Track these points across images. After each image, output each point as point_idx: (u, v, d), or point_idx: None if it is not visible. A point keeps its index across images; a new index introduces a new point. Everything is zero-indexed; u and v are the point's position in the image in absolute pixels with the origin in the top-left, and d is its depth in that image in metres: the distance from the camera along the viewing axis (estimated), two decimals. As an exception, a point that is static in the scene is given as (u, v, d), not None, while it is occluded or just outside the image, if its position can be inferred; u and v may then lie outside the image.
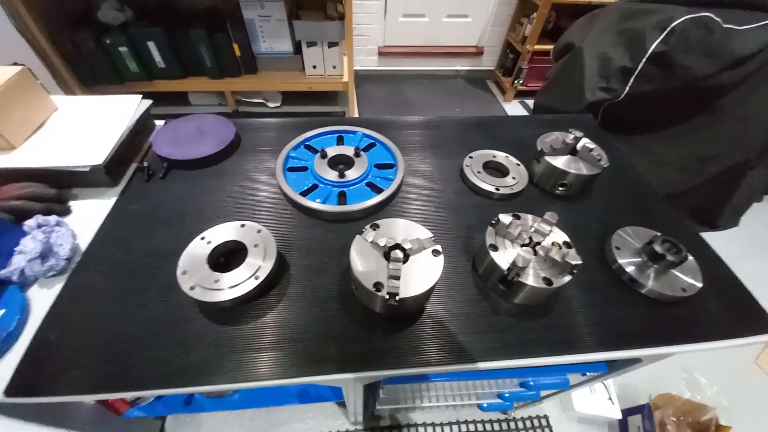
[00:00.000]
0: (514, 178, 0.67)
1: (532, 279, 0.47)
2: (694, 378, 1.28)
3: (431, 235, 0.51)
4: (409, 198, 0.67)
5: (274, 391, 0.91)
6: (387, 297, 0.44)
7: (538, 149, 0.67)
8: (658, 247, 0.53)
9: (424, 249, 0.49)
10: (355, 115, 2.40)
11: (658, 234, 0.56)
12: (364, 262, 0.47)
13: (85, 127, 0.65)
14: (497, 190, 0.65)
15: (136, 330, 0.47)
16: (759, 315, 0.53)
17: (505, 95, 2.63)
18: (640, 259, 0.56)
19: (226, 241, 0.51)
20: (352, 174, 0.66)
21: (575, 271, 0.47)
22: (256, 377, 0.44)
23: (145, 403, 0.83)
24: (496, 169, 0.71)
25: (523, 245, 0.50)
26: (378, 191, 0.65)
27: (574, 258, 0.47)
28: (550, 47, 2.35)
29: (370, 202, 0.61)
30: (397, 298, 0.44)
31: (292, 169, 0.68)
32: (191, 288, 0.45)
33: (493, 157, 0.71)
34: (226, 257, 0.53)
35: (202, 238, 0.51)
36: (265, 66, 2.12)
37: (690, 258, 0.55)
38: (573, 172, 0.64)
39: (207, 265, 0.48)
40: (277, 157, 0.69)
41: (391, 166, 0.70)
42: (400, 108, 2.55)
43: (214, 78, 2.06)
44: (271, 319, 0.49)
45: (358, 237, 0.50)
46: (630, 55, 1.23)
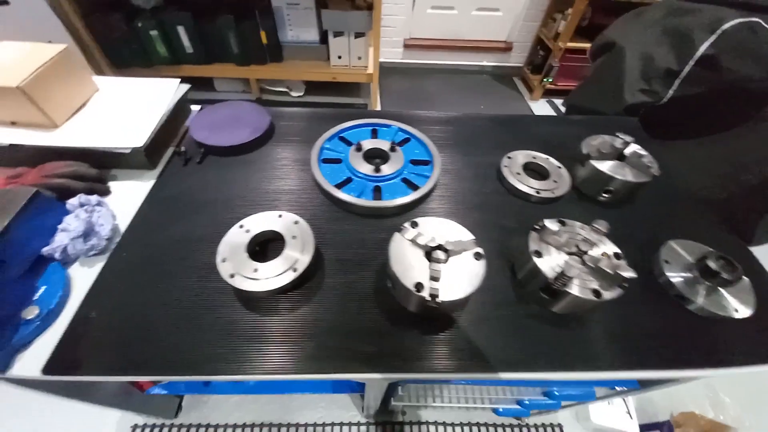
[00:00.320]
0: (555, 182, 0.64)
1: (579, 290, 0.45)
2: (719, 397, 1.24)
3: (473, 237, 0.49)
4: (444, 196, 0.65)
5: (291, 380, 0.92)
6: (428, 298, 0.43)
7: (584, 152, 0.64)
8: (712, 264, 0.50)
9: (466, 251, 0.47)
10: (378, 108, 2.38)
11: (712, 250, 0.53)
12: (404, 261, 0.46)
13: (125, 109, 0.65)
14: (537, 193, 0.63)
15: (173, 313, 0.47)
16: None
17: (532, 93, 2.56)
18: (690, 274, 0.53)
19: (264, 231, 0.50)
20: (387, 169, 0.64)
21: (626, 284, 0.45)
22: (288, 370, 0.43)
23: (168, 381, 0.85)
24: (536, 171, 0.68)
25: (569, 253, 0.48)
26: (414, 188, 0.63)
27: (626, 270, 0.45)
28: (583, 45, 2.28)
29: (405, 199, 0.60)
30: (437, 300, 0.42)
31: (327, 160, 0.67)
32: (231, 276, 0.45)
33: (533, 158, 0.69)
34: (261, 246, 0.53)
35: (241, 227, 0.51)
36: (291, 55, 2.11)
37: (745, 278, 0.52)
38: (620, 178, 0.61)
39: (246, 254, 0.47)
40: (310, 147, 0.68)
41: (426, 163, 0.68)
42: (423, 102, 2.51)
43: (240, 65, 2.06)
44: (305, 312, 0.48)
45: (397, 235, 0.49)
46: (676, 56, 1.17)
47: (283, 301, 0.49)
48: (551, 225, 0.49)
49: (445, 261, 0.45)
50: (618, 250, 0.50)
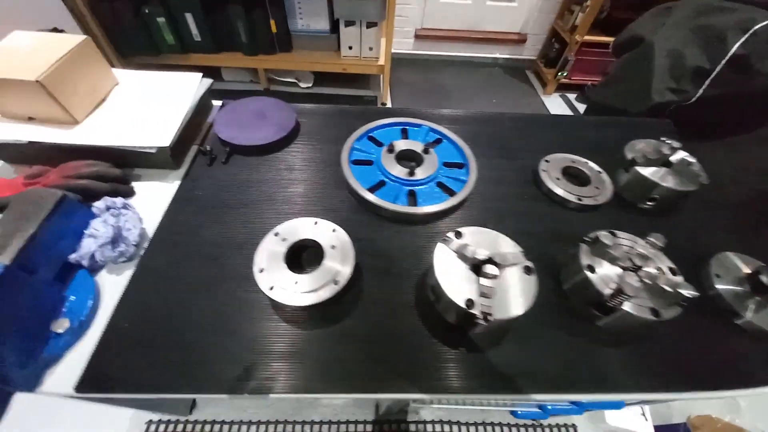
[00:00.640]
0: (597, 188, 0.62)
1: (634, 308, 0.43)
2: (735, 401, 1.23)
3: (520, 249, 0.47)
4: (479, 201, 0.62)
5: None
6: (479, 316, 0.40)
7: (628, 157, 0.61)
8: (766, 279, 0.48)
9: (515, 265, 0.45)
10: (388, 101, 2.33)
11: (764, 264, 0.51)
12: (450, 274, 0.44)
13: (147, 104, 0.62)
14: (579, 200, 0.60)
15: (207, 324, 0.45)
16: None
17: (545, 88, 2.50)
18: (741, 288, 0.51)
19: (302, 240, 0.48)
20: (421, 172, 0.61)
21: (684, 303, 0.43)
22: (328, 389, 0.42)
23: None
24: (575, 176, 0.65)
25: (624, 268, 0.46)
26: (449, 192, 0.61)
27: (686, 288, 0.42)
28: (601, 39, 2.22)
29: (443, 205, 0.57)
30: (490, 319, 0.40)
31: (357, 162, 0.64)
32: (270, 288, 0.43)
33: (572, 162, 0.66)
34: (295, 254, 0.51)
35: (276, 234, 0.48)
36: (300, 44, 2.05)
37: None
38: (667, 186, 0.58)
39: (284, 265, 0.45)
40: (337, 147, 0.65)
41: (460, 166, 0.66)
42: (434, 95, 2.46)
43: (248, 54, 2.01)
44: (344, 326, 0.46)
45: (442, 245, 0.46)
46: (707, 55, 1.13)
47: (320, 313, 0.47)
48: (606, 238, 0.46)
49: (496, 276, 0.43)
50: (673, 265, 0.47)
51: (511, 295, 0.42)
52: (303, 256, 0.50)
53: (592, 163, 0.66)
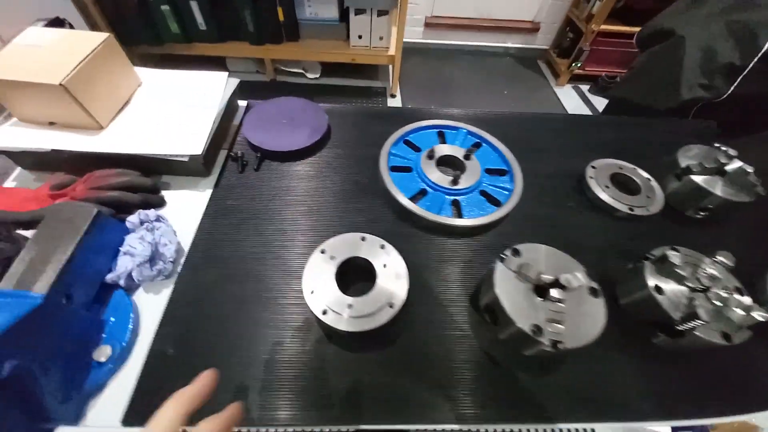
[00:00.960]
0: (648, 197, 0.59)
1: (706, 332, 0.41)
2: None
3: (583, 267, 0.44)
4: (524, 211, 0.59)
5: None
6: (546, 344, 0.38)
7: (682, 165, 0.58)
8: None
9: (580, 286, 0.42)
10: (397, 92, 2.27)
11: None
12: (513, 297, 0.41)
13: (174, 107, 0.58)
14: (631, 210, 0.57)
15: (251, 349, 0.43)
16: None
17: (558, 79, 2.45)
18: (803, 305, 0.49)
19: (351, 258, 0.45)
20: (465, 180, 0.58)
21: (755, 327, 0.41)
22: (383, 419, 0.39)
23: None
24: (624, 184, 0.62)
25: (693, 289, 0.44)
26: (494, 202, 0.58)
27: (758, 311, 0.40)
28: (618, 28, 2.15)
29: (489, 217, 0.54)
30: (560, 347, 0.38)
31: (396, 168, 0.61)
32: (323, 312, 0.40)
33: (620, 168, 0.63)
34: (343, 272, 0.48)
35: (323, 252, 0.45)
36: (308, 33, 1.99)
37: None
38: (723, 196, 0.56)
39: (336, 286, 0.42)
40: (371, 152, 0.62)
41: (503, 173, 0.62)
42: (444, 86, 2.40)
43: (255, 44, 1.94)
44: (397, 350, 0.44)
45: (501, 265, 0.44)
46: (740, 51, 1.09)
47: (372, 337, 0.44)
48: (674, 258, 0.44)
49: (565, 300, 0.40)
50: (740, 284, 0.45)
51: (580, 320, 0.40)
52: (349, 274, 0.48)
53: (640, 170, 0.63)
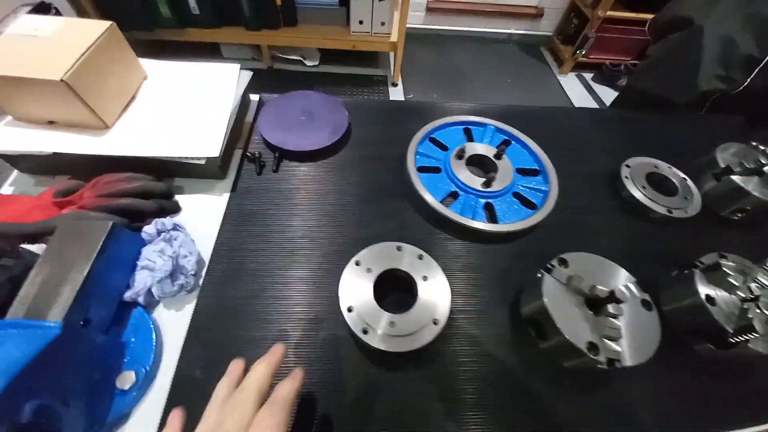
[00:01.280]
0: (686, 198, 0.57)
1: (759, 344, 0.39)
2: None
3: (634, 278, 0.42)
4: (560, 214, 0.55)
5: None
6: (602, 362, 0.36)
7: (722, 165, 0.56)
8: None
9: (632, 298, 0.40)
10: (399, 81, 2.20)
11: None
12: (564, 312, 0.39)
13: (183, 104, 0.54)
14: (669, 212, 0.55)
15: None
16: None
17: (561, 66, 2.40)
18: None
19: (389, 270, 0.42)
20: (498, 181, 0.55)
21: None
22: None
23: None
24: (660, 184, 0.60)
25: (743, 299, 0.42)
26: (529, 205, 0.55)
27: (815, 323, 0.39)
28: (625, 14, 2.10)
29: (526, 222, 0.52)
30: (617, 365, 0.36)
31: (423, 169, 0.57)
32: (364, 332, 0.38)
33: (655, 167, 0.60)
34: (380, 284, 0.45)
35: (357, 264, 0.42)
36: (306, 18, 1.90)
37: None
38: (763, 197, 0.54)
39: (375, 302, 0.40)
40: (395, 151, 0.59)
41: (536, 173, 0.60)
42: (446, 74, 2.34)
43: (251, 29, 1.85)
44: (441, 368, 0.41)
45: (549, 277, 0.41)
46: (758, 43, 1.06)
47: (414, 355, 0.42)
48: (728, 267, 0.42)
49: (621, 315, 0.38)
50: (790, 292, 0.43)
51: (636, 336, 0.38)
52: (383, 286, 0.45)
53: (675, 169, 0.60)
